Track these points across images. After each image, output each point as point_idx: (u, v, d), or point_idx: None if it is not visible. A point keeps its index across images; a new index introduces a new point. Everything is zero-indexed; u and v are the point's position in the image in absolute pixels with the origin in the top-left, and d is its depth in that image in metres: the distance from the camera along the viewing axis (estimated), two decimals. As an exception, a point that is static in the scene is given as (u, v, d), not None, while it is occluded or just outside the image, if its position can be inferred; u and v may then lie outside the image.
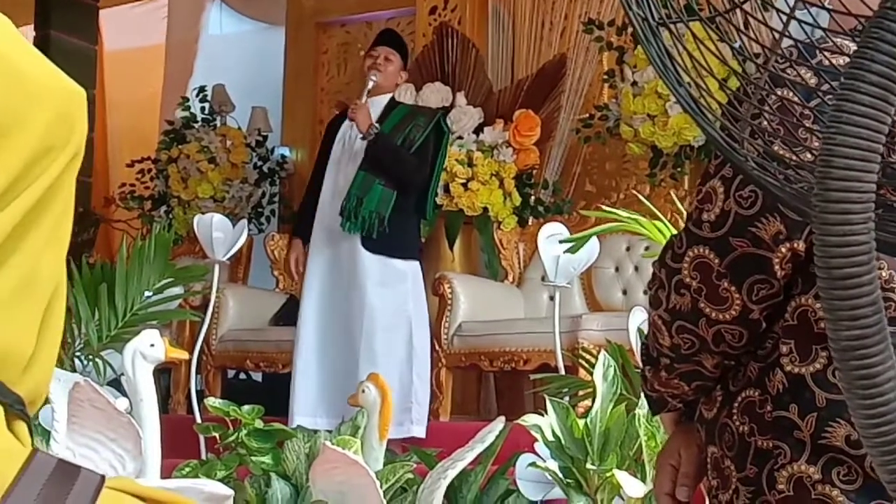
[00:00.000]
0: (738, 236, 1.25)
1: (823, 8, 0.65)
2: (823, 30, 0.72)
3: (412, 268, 4.84)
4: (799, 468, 1.25)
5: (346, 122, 4.88)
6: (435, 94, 5.84)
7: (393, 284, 4.77)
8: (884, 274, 1.24)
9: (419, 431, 4.69)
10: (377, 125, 4.74)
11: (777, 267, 1.25)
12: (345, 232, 4.71)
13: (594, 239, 3.93)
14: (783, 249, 1.24)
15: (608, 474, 3.01)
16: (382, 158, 4.71)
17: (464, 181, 5.59)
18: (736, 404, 1.32)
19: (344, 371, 4.65)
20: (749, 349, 1.32)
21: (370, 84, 4.82)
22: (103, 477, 0.54)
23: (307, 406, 4.75)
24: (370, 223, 4.68)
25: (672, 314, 1.33)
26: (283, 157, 7.00)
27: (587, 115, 5.70)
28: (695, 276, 1.29)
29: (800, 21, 0.68)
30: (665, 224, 3.32)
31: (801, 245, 1.24)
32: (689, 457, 1.43)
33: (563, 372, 4.14)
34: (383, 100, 4.93)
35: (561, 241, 3.88)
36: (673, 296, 1.32)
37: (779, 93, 0.95)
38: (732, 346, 1.31)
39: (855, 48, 0.59)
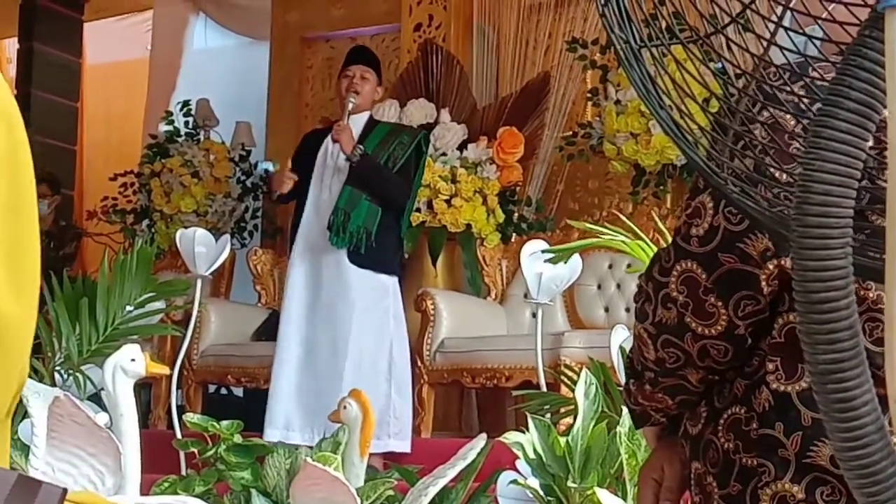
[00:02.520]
0: (726, 252, 1.26)
1: (804, 34, 0.66)
2: (805, 56, 0.73)
3: (393, 282, 4.85)
4: (783, 487, 1.25)
5: (329, 137, 4.88)
6: (419, 111, 5.85)
7: (377, 299, 4.77)
8: (871, 295, 1.24)
9: (398, 446, 4.68)
10: (361, 146, 4.73)
11: (764, 284, 1.26)
12: (332, 246, 4.71)
13: (576, 256, 3.94)
14: (770, 266, 1.25)
15: (589, 492, 3.00)
16: (368, 179, 4.72)
17: (447, 197, 5.60)
18: (722, 421, 1.32)
19: (326, 386, 4.64)
20: (734, 365, 1.32)
21: (350, 106, 4.80)
22: (65, 490, 0.53)
23: (281, 420, 4.73)
24: (358, 238, 4.68)
25: (658, 328, 1.33)
26: (266, 171, 6.99)
27: (570, 132, 5.73)
28: (682, 291, 1.29)
29: (780, 46, 0.69)
30: (647, 243, 3.33)
31: (788, 262, 1.24)
32: (673, 472, 1.43)
33: (544, 389, 4.14)
34: (362, 118, 4.92)
35: (543, 251, 3.89)
36: (659, 309, 1.32)
37: (764, 115, 0.95)
38: (717, 361, 1.31)
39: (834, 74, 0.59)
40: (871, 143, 0.62)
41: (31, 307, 0.63)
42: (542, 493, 3.09)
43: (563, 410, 3.74)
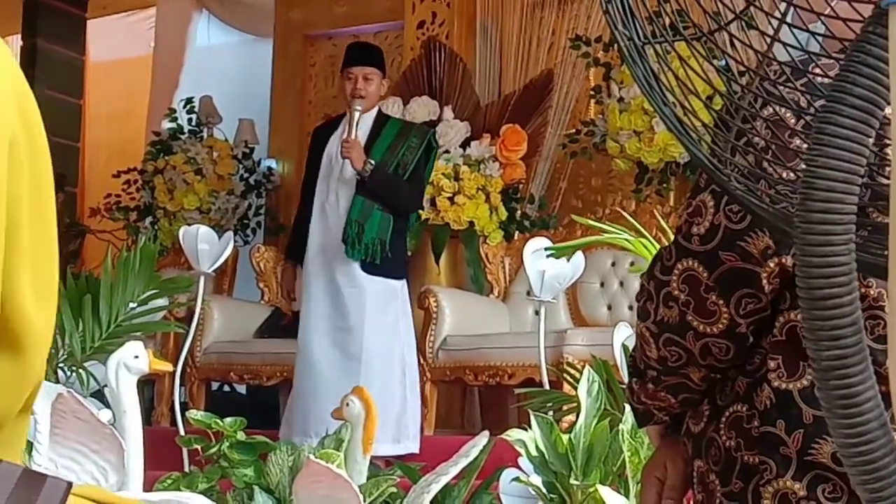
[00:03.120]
0: (727, 250, 1.26)
1: (807, 31, 0.66)
2: (808, 53, 0.73)
3: (401, 285, 4.85)
4: (784, 484, 1.26)
5: (333, 136, 4.86)
6: (422, 108, 5.84)
7: (388, 303, 4.76)
8: (872, 292, 1.25)
9: (415, 447, 4.70)
10: (371, 161, 4.64)
11: (765, 282, 1.26)
12: (349, 258, 4.68)
13: (580, 254, 3.94)
14: (771, 264, 1.25)
15: (591, 490, 3.01)
16: (379, 191, 4.67)
17: (450, 195, 5.60)
18: (723, 419, 1.32)
19: (343, 391, 4.62)
20: (736, 363, 1.33)
21: (356, 115, 4.65)
22: (70, 484, 0.53)
23: (310, 427, 4.71)
24: (373, 249, 4.65)
25: (660, 326, 1.33)
26: (269, 169, 7.00)
27: (573, 130, 5.72)
28: (683, 289, 1.29)
29: (784, 43, 0.69)
30: (650, 241, 3.33)
31: (789, 260, 1.24)
32: (675, 470, 1.44)
33: (547, 387, 4.14)
34: (370, 116, 4.84)
35: (546, 249, 3.89)
36: (661, 308, 1.33)
37: (766, 112, 0.95)
38: (719, 359, 1.32)
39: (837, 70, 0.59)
40: (871, 140, 0.62)
41: (53, 312, 0.62)
42: (544, 490, 3.09)
43: (565, 408, 3.74)
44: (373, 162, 4.64)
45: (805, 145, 0.67)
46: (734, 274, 1.26)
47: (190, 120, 6.81)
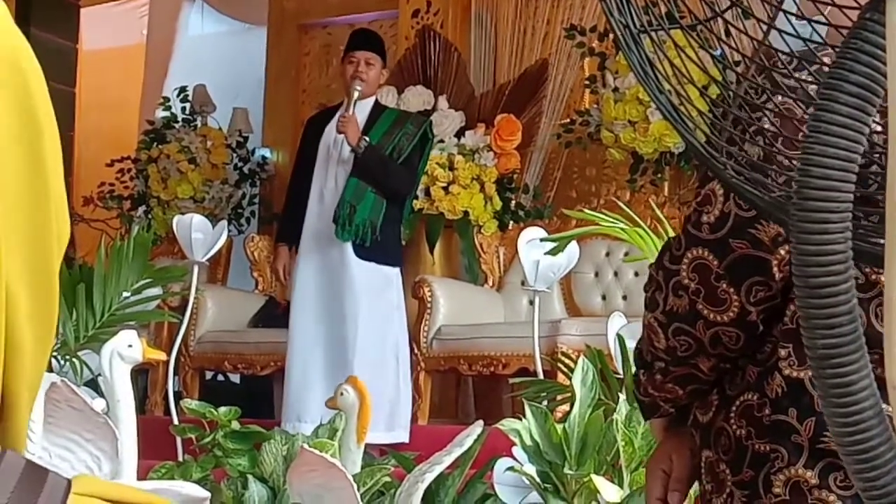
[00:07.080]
0: (737, 238, 1.25)
1: (804, 18, 0.65)
2: (804, 40, 0.72)
3: (396, 273, 4.85)
4: (796, 472, 1.25)
5: (329, 125, 4.86)
6: (416, 98, 5.84)
7: (382, 291, 4.76)
8: (884, 279, 1.24)
9: (405, 437, 4.71)
10: (367, 138, 4.67)
11: (776, 269, 1.25)
12: (338, 239, 4.68)
13: (574, 244, 3.94)
14: (782, 252, 1.24)
15: (585, 479, 3.01)
16: (373, 171, 4.69)
17: (445, 185, 5.60)
18: (734, 408, 1.32)
19: (337, 377, 4.62)
20: (745, 352, 1.32)
21: (355, 94, 4.68)
22: (69, 481, 0.53)
23: (297, 413, 4.71)
24: (364, 231, 4.65)
25: (669, 316, 1.33)
26: (263, 158, 6.99)
27: (568, 120, 5.73)
28: (693, 278, 1.29)
29: (780, 31, 0.68)
30: (645, 230, 3.33)
31: None
32: (682, 461, 1.43)
33: (541, 376, 4.14)
34: (367, 103, 4.87)
35: (542, 240, 3.88)
36: (670, 298, 1.32)
37: (777, 100, 0.95)
38: (729, 348, 1.31)
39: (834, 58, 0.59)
40: (879, 129, 0.62)
41: (51, 336, 0.57)
42: (538, 479, 3.10)
43: (559, 398, 3.74)
44: (367, 139, 4.66)
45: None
46: (744, 262, 1.26)
47: (183, 108, 6.79)
